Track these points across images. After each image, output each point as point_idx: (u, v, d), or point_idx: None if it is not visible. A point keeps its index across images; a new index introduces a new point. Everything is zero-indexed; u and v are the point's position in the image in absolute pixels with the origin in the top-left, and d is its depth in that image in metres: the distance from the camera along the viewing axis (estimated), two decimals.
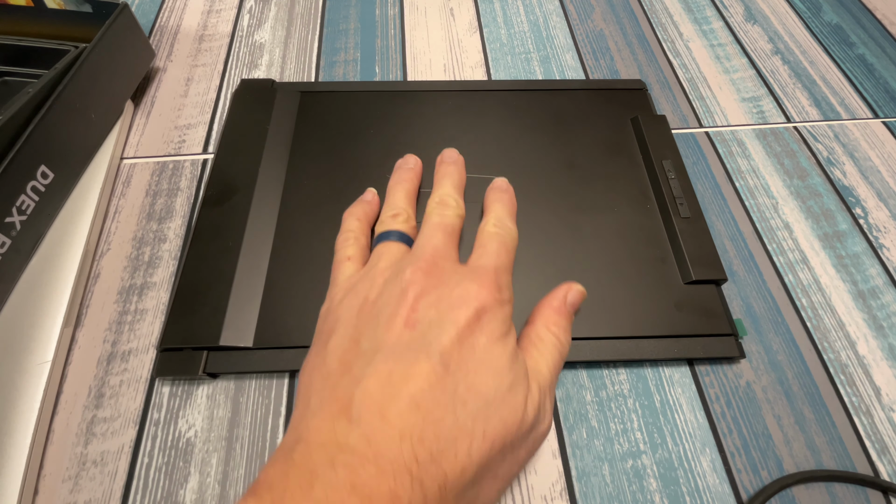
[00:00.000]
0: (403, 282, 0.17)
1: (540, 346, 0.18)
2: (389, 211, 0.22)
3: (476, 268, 0.18)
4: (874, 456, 0.23)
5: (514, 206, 0.22)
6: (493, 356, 0.16)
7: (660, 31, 0.40)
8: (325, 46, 0.38)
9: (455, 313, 0.16)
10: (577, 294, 0.21)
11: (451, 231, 0.20)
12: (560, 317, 0.20)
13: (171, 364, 0.23)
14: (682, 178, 0.29)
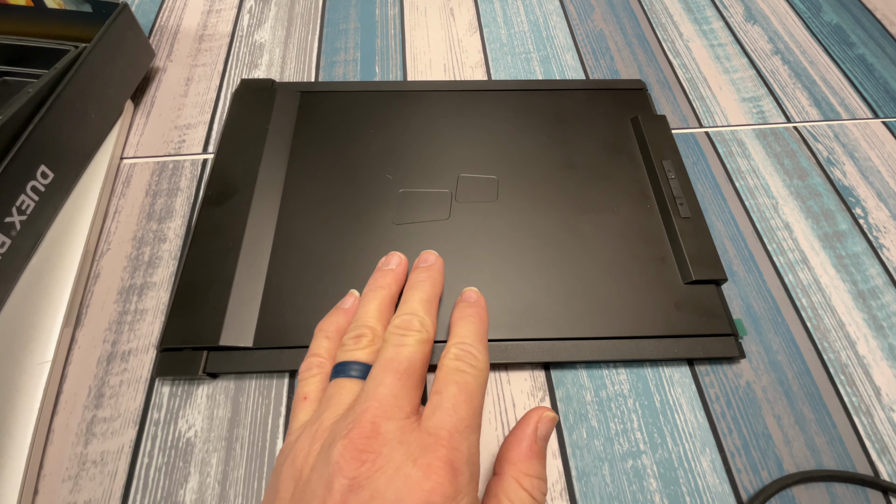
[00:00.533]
0: (331, 465, 0.14)
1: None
2: (353, 331, 0.19)
3: (426, 437, 0.15)
4: (874, 456, 0.23)
5: (484, 324, 0.19)
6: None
7: (660, 31, 0.40)
8: (325, 46, 0.38)
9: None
10: (549, 423, 0.18)
11: (406, 369, 0.16)
12: (533, 461, 0.17)
13: (171, 364, 0.23)
14: (682, 178, 0.29)
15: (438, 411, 0.15)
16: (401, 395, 0.16)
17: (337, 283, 0.25)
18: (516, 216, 0.28)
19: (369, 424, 0.14)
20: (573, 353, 0.24)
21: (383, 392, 0.15)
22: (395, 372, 0.16)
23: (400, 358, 0.17)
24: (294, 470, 0.15)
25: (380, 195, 0.28)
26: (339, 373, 0.18)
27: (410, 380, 0.16)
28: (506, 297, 0.25)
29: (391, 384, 0.16)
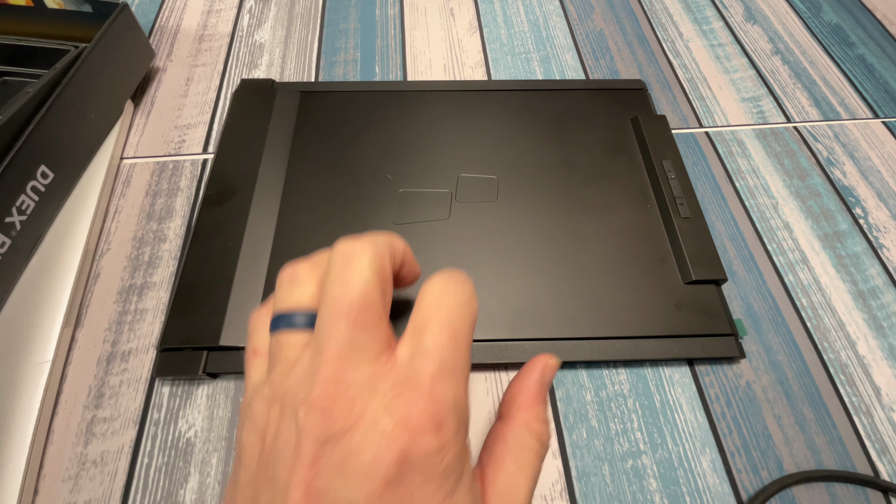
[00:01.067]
0: (298, 427, 0.12)
1: (521, 456, 0.15)
2: (286, 272, 0.16)
3: (404, 381, 0.13)
4: (874, 456, 0.23)
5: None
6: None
7: (660, 31, 0.40)
8: (325, 46, 0.38)
9: (368, 482, 0.12)
10: (552, 370, 0.17)
11: (361, 308, 0.13)
12: (540, 405, 0.16)
13: (171, 364, 0.23)
14: (682, 178, 0.29)
15: (418, 354, 0.13)
16: (361, 339, 0.13)
17: None
18: (516, 216, 0.28)
19: (332, 381, 0.12)
20: (573, 353, 0.24)
21: (338, 341, 0.13)
22: (347, 315, 0.13)
23: (351, 296, 0.13)
24: (256, 435, 0.14)
25: (380, 195, 0.28)
26: (276, 325, 0.15)
27: (369, 317, 0.13)
28: (505, 297, 0.25)
29: (345, 330, 0.13)
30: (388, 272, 0.15)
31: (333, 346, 0.13)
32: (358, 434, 0.12)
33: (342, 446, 0.12)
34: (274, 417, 0.13)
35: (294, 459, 0.12)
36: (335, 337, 0.13)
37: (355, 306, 0.13)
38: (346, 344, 0.13)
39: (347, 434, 0.12)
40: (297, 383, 0.13)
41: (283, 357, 0.14)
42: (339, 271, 0.14)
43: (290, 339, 0.14)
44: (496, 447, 0.15)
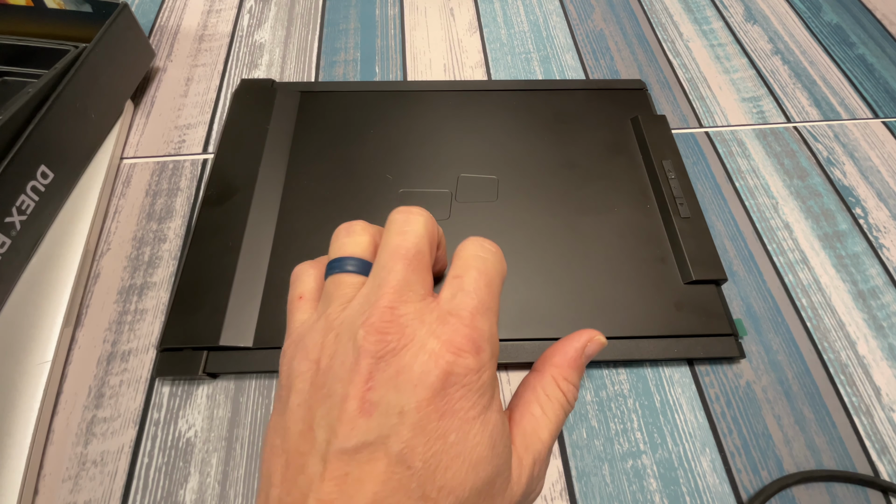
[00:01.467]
0: (356, 347, 0.14)
1: (546, 404, 0.16)
2: (343, 227, 0.18)
3: (447, 315, 0.15)
4: (874, 456, 0.23)
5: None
6: (469, 443, 0.13)
7: (660, 31, 0.40)
8: (325, 46, 0.38)
9: (418, 392, 0.13)
10: (597, 346, 0.18)
11: (415, 255, 0.16)
12: (574, 371, 0.17)
13: (171, 364, 0.23)
14: (682, 178, 0.29)
15: (459, 293, 0.15)
16: (413, 280, 0.15)
17: None
18: (516, 216, 0.28)
19: (388, 309, 0.14)
20: None
21: (395, 279, 0.15)
22: (403, 258, 0.15)
23: (407, 244, 0.16)
24: (309, 362, 0.15)
25: (380, 195, 0.28)
26: (333, 269, 0.17)
27: (420, 264, 0.16)
28: (506, 297, 0.25)
29: (402, 270, 0.15)
30: (435, 235, 0.17)
31: (391, 281, 0.15)
32: (409, 352, 0.14)
33: (395, 362, 0.14)
34: (330, 343, 0.15)
35: (351, 374, 0.14)
36: (393, 275, 0.15)
37: (411, 252, 0.16)
38: (402, 282, 0.15)
39: (400, 352, 0.14)
40: (356, 312, 0.15)
41: (339, 294, 0.16)
42: (399, 225, 0.16)
43: (346, 279, 0.16)
44: (525, 393, 0.17)
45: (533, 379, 0.17)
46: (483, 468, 0.14)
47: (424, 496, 0.13)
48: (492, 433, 0.14)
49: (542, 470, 0.16)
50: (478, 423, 0.14)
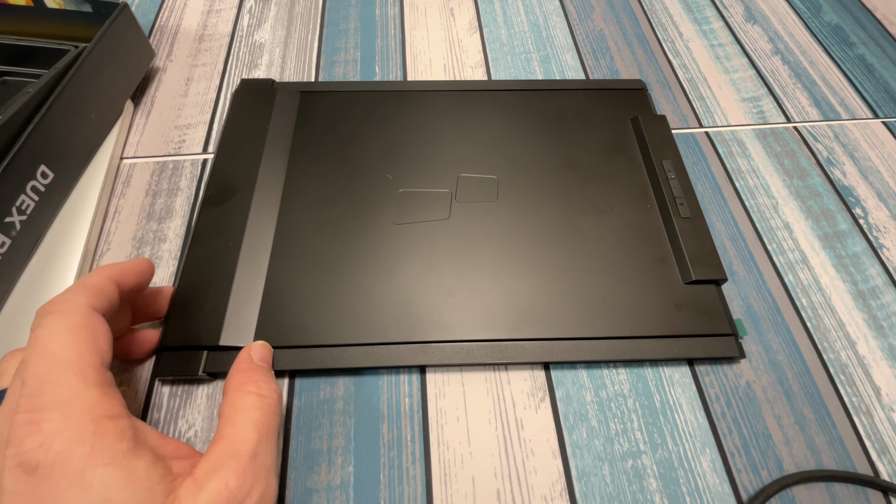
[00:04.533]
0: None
1: (236, 417, 0.17)
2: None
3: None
4: (874, 456, 0.23)
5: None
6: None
7: (660, 31, 0.40)
8: (325, 46, 0.38)
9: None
10: (261, 348, 0.20)
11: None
12: (252, 373, 0.19)
13: (171, 364, 0.23)
14: (682, 178, 0.29)
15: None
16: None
17: (337, 284, 0.25)
18: (516, 216, 0.28)
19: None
20: (573, 353, 0.24)
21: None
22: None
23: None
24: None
25: (380, 195, 0.28)
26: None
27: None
28: (506, 296, 0.25)
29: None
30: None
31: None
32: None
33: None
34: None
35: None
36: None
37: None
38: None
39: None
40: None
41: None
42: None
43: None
44: (223, 412, 0.18)
45: (221, 406, 0.18)
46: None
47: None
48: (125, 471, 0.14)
49: (258, 468, 0.16)
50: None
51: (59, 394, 0.15)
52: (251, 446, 0.17)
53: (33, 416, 0.14)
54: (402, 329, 0.24)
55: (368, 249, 0.26)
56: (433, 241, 0.26)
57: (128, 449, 0.15)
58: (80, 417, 0.15)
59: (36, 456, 0.14)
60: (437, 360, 0.23)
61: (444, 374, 0.24)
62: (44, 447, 0.14)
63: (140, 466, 0.15)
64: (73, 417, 0.15)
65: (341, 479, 0.22)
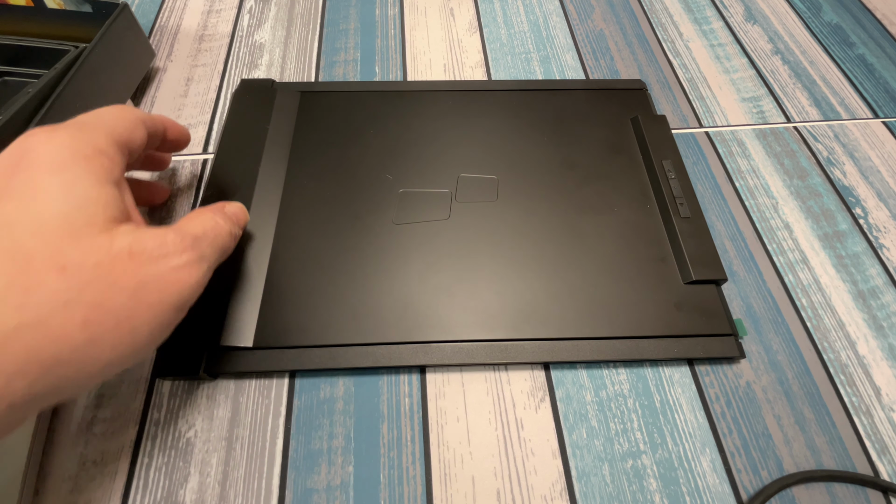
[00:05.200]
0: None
1: (190, 220, 0.20)
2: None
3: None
4: (874, 456, 0.23)
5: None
6: (31, 192, 0.15)
7: (660, 31, 0.40)
8: (325, 46, 0.38)
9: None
10: (235, 206, 0.22)
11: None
12: (214, 212, 0.21)
13: (171, 364, 0.23)
14: (682, 178, 0.29)
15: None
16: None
17: (337, 283, 0.25)
18: (516, 216, 0.28)
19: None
20: (573, 353, 0.24)
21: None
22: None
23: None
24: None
25: (380, 195, 0.28)
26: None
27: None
28: (506, 297, 0.25)
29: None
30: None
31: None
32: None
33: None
34: None
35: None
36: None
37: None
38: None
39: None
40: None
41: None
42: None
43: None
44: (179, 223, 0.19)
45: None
46: (62, 196, 0.16)
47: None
48: (76, 171, 0.16)
49: (177, 239, 0.18)
50: (54, 171, 0.16)
51: (91, 125, 0.19)
52: (198, 231, 0.19)
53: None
54: (402, 329, 0.24)
55: (368, 249, 0.26)
56: (433, 241, 0.26)
57: (104, 176, 0.17)
58: (87, 143, 0.17)
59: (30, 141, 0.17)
60: (437, 360, 0.23)
61: (444, 374, 0.24)
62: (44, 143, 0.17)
63: (107, 191, 0.17)
64: (85, 139, 0.18)
65: (341, 479, 0.22)
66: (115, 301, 0.16)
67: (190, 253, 0.18)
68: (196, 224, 0.19)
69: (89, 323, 0.15)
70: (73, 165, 0.16)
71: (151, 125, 0.22)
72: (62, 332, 0.15)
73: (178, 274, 0.17)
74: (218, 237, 0.20)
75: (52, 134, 0.17)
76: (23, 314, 0.14)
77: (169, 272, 0.17)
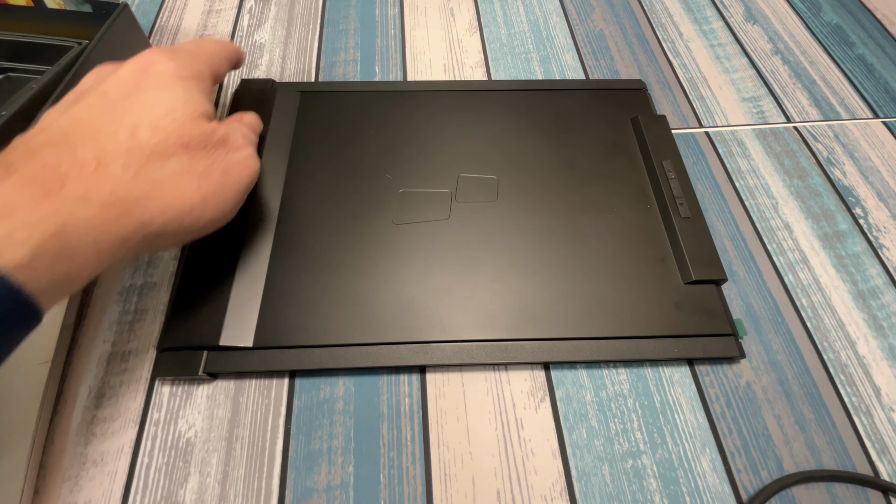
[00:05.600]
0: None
1: (234, 125, 0.23)
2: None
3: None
4: (874, 456, 0.23)
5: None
6: (162, 88, 0.20)
7: (660, 31, 0.40)
8: (325, 46, 0.38)
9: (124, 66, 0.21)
10: (250, 115, 0.25)
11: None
12: (237, 122, 0.24)
13: (171, 364, 0.23)
14: (682, 178, 0.29)
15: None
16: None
17: (337, 283, 0.25)
18: (516, 216, 0.28)
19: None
20: (573, 353, 0.24)
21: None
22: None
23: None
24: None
25: (380, 195, 0.28)
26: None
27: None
28: (506, 297, 0.25)
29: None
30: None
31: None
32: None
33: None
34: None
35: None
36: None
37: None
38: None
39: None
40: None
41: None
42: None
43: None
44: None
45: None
46: (173, 98, 0.20)
47: (117, 107, 0.19)
48: (185, 87, 0.21)
49: (239, 137, 0.23)
50: (170, 82, 0.21)
51: (196, 55, 0.23)
52: (240, 132, 0.23)
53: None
54: (403, 329, 0.24)
55: (368, 249, 0.26)
56: (433, 240, 0.26)
57: (205, 91, 0.22)
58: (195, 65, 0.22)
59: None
60: (438, 360, 0.23)
61: (444, 374, 0.24)
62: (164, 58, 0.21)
63: (208, 101, 0.22)
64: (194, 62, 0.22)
65: (341, 479, 0.22)
66: (215, 175, 0.20)
67: (252, 148, 0.23)
68: (239, 128, 0.23)
69: (200, 188, 0.20)
70: (189, 80, 0.21)
71: (235, 61, 0.26)
72: (185, 191, 0.19)
73: (249, 161, 0.22)
74: (253, 143, 0.25)
75: (172, 55, 0.21)
76: (162, 174, 0.19)
77: (243, 160, 0.22)
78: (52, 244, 0.16)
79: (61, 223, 0.16)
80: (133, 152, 0.18)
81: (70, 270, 0.16)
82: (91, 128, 0.18)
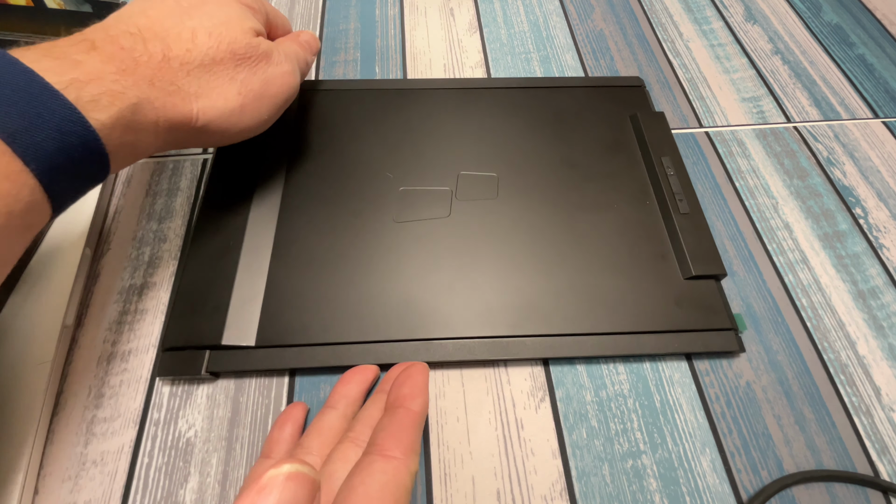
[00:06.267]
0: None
1: (283, 45, 0.25)
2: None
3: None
4: (874, 456, 0.23)
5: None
6: (222, 4, 0.22)
7: (660, 31, 0.40)
8: (325, 46, 0.38)
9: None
10: (307, 34, 0.27)
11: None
12: (292, 41, 0.26)
13: (173, 364, 0.23)
14: (680, 174, 0.29)
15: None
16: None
17: (338, 282, 0.25)
18: (516, 214, 0.28)
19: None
20: (573, 349, 0.24)
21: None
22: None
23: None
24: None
25: (380, 193, 0.28)
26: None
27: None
28: (506, 294, 0.25)
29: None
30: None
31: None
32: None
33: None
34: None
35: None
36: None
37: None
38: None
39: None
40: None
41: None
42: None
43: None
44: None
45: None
46: (234, 10, 0.23)
47: (187, 10, 0.21)
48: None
49: (284, 55, 0.24)
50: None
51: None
52: (290, 52, 0.26)
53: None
54: (403, 327, 0.24)
55: (369, 247, 0.26)
56: (433, 238, 0.26)
57: (254, 16, 0.24)
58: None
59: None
60: (439, 357, 0.23)
61: (445, 373, 0.24)
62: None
63: (257, 21, 0.24)
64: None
65: None
66: (255, 85, 0.22)
67: (293, 64, 0.25)
68: (289, 46, 0.25)
69: (241, 94, 0.22)
70: (248, 6, 0.24)
71: (287, 30, 0.28)
72: (227, 95, 0.21)
73: (288, 77, 0.24)
74: (300, 62, 0.26)
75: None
76: (210, 76, 0.21)
77: (283, 74, 0.24)
78: (128, 113, 0.18)
79: (135, 98, 0.18)
80: (191, 53, 0.20)
81: (135, 141, 0.19)
82: (162, 26, 0.21)
